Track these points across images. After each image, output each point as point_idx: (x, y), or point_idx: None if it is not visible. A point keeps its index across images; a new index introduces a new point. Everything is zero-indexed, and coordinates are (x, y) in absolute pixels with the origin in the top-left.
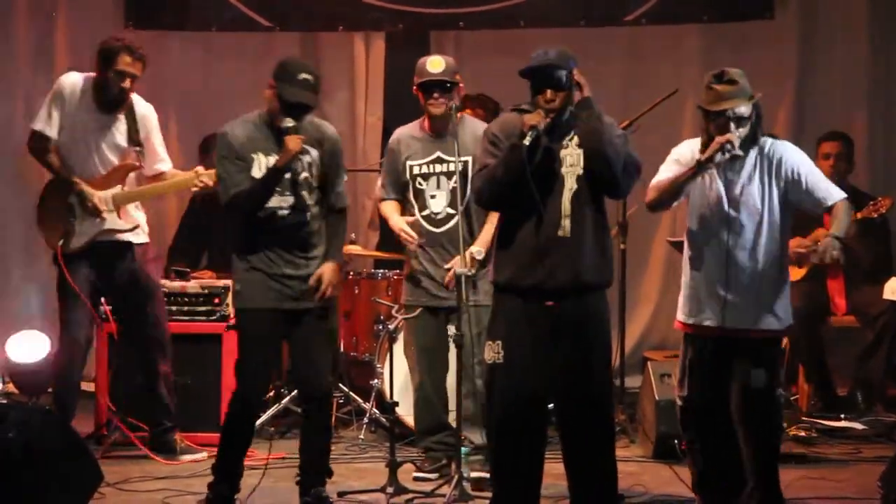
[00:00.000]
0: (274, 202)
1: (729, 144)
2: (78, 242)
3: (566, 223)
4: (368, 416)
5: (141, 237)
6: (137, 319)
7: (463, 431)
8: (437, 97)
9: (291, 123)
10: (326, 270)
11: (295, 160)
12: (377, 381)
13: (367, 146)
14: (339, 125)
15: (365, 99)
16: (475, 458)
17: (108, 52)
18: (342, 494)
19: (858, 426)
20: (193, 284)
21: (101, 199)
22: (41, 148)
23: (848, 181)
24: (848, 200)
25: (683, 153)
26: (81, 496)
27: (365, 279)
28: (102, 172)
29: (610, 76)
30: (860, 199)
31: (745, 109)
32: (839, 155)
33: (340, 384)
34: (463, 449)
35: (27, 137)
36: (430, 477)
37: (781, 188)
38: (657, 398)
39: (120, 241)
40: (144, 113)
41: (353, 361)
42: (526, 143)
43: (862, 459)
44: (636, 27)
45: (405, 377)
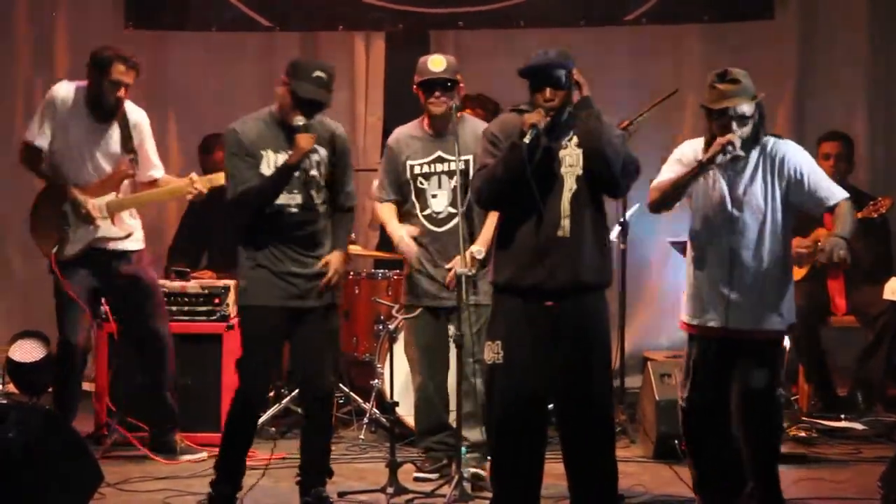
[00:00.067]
0: (282, 200)
1: (730, 146)
2: (72, 250)
3: (566, 223)
4: (369, 416)
5: (136, 244)
6: (138, 322)
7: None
8: (438, 96)
9: (303, 121)
10: (334, 258)
11: (305, 158)
12: (377, 381)
13: (367, 146)
14: None
15: (365, 99)
16: (472, 455)
17: (100, 61)
18: (342, 494)
19: (858, 426)
20: (193, 284)
21: (94, 206)
22: (32, 158)
23: (848, 181)
24: (850, 200)
25: (686, 153)
26: (81, 496)
27: (365, 279)
28: (96, 180)
29: (610, 76)
30: (860, 199)
31: (747, 108)
32: (839, 155)
33: (340, 384)
34: (462, 449)
35: (19, 148)
36: (430, 477)
37: (784, 187)
38: (657, 398)
39: (114, 249)
40: (138, 120)
41: (353, 361)
42: (526, 140)
43: (862, 459)
44: (636, 27)
45: (405, 377)
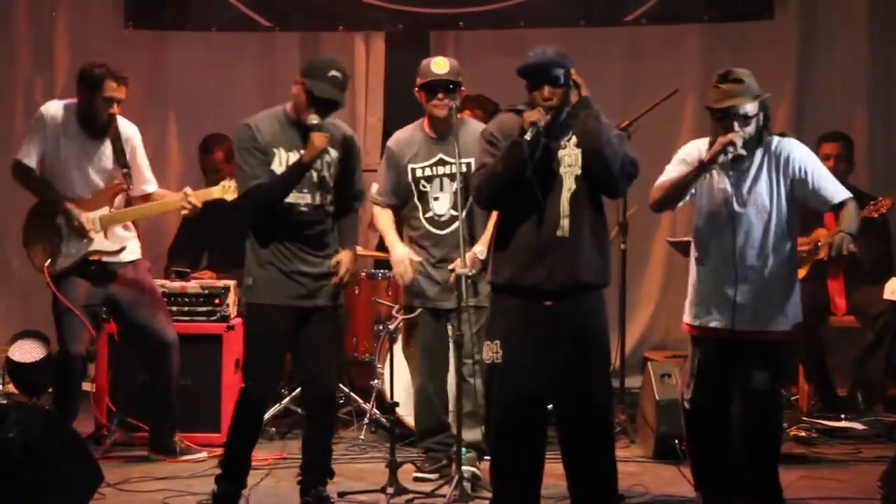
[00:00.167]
0: (292, 198)
1: (731, 146)
2: (65, 263)
3: (565, 223)
4: (369, 416)
5: (132, 255)
6: (142, 330)
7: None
8: (441, 98)
9: (317, 120)
10: (345, 257)
11: (318, 158)
12: (377, 381)
13: (367, 146)
14: None
15: (365, 99)
16: (469, 455)
17: (91, 79)
18: (342, 495)
19: (858, 426)
20: (193, 285)
21: (87, 219)
22: (24, 176)
23: (848, 181)
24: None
25: (690, 153)
26: (81, 496)
27: (365, 279)
28: (90, 196)
29: (610, 76)
30: (860, 198)
31: (750, 108)
32: (839, 156)
33: (340, 384)
34: (462, 449)
35: (10, 165)
36: (430, 477)
37: (788, 186)
38: (657, 398)
39: (110, 261)
40: (130, 135)
41: (353, 361)
42: (527, 138)
43: (862, 459)
44: (636, 27)
45: (406, 377)
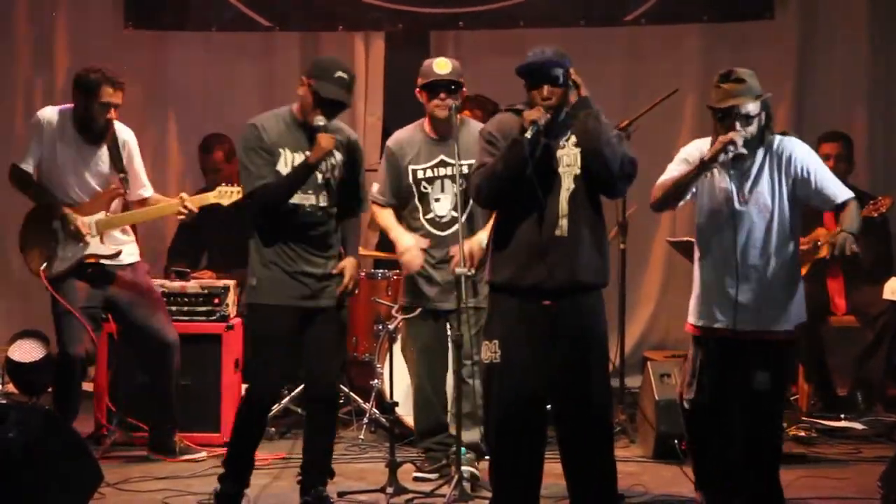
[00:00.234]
0: (296, 199)
1: (732, 145)
2: (60, 266)
3: (563, 223)
4: (368, 416)
5: (130, 258)
6: (142, 331)
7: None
8: (443, 98)
9: (323, 121)
10: (349, 265)
11: (324, 159)
12: (377, 381)
13: (366, 146)
14: None
15: (365, 99)
16: (468, 455)
17: (88, 84)
18: (342, 494)
19: (858, 426)
20: (193, 285)
21: (84, 223)
22: (20, 180)
23: (848, 181)
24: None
25: (692, 153)
26: (81, 496)
27: (365, 279)
28: (86, 201)
29: (610, 76)
30: (860, 199)
31: (752, 108)
32: (839, 156)
33: (340, 384)
34: (462, 449)
35: (7, 170)
36: (429, 477)
37: (790, 185)
38: (657, 398)
39: (108, 265)
40: (126, 139)
41: (353, 361)
42: (528, 136)
43: (862, 459)
44: (636, 27)
45: (405, 377)
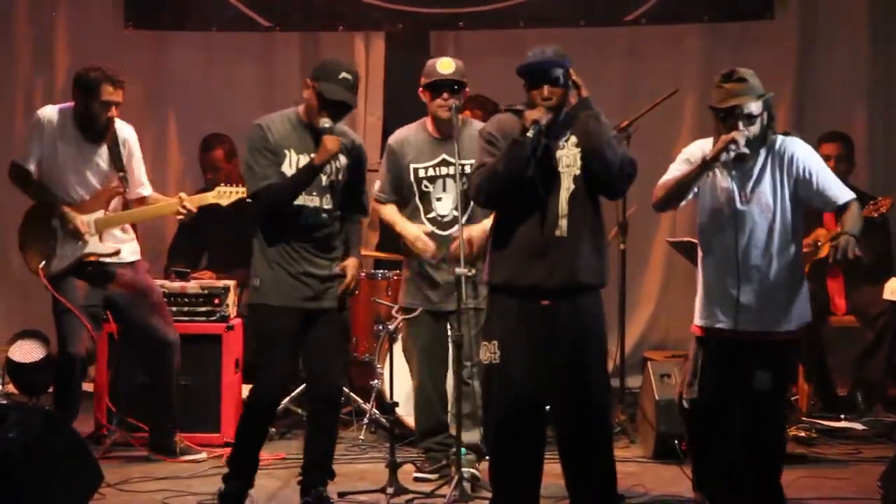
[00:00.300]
0: (301, 200)
1: (733, 144)
2: (59, 265)
3: (563, 223)
4: (368, 416)
5: (130, 256)
6: (142, 330)
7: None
8: (446, 98)
9: (329, 123)
10: (351, 264)
11: (329, 162)
12: (377, 381)
13: (367, 146)
14: None
15: (365, 99)
16: (468, 456)
17: (88, 83)
18: (342, 495)
19: (858, 426)
20: (193, 285)
21: (82, 222)
22: (20, 177)
23: (848, 181)
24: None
25: (694, 153)
26: (81, 496)
27: (365, 279)
28: (86, 199)
29: (610, 76)
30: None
31: (754, 107)
32: (839, 156)
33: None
34: (462, 449)
35: (7, 168)
36: (430, 477)
37: (792, 186)
38: (657, 398)
39: (108, 262)
40: (127, 137)
41: (353, 361)
42: (530, 136)
43: (862, 459)
44: (636, 27)
45: (405, 377)
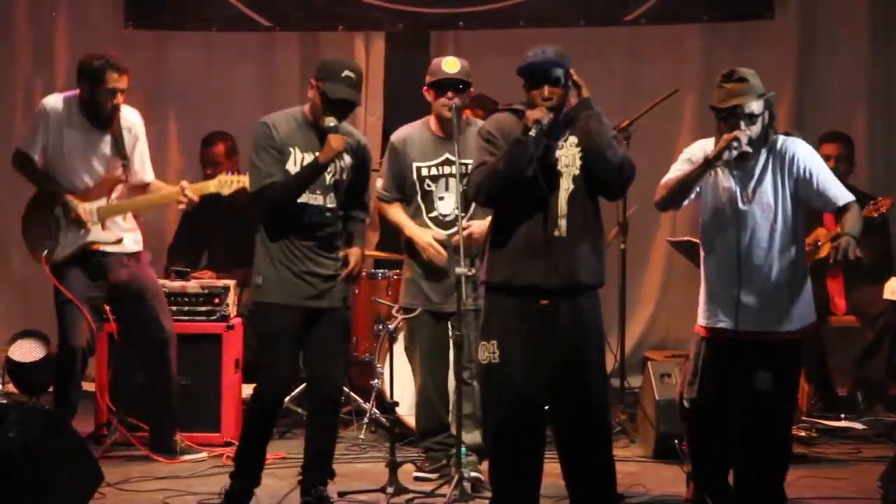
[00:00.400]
0: (304, 199)
1: (735, 142)
2: (62, 253)
3: (562, 223)
4: (369, 416)
5: (133, 247)
6: (140, 324)
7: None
8: (450, 97)
9: (334, 122)
10: (354, 252)
11: (334, 160)
12: (377, 381)
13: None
14: None
15: (365, 99)
16: (469, 458)
17: (92, 71)
18: (342, 494)
19: (858, 426)
20: (193, 284)
21: (85, 210)
22: (25, 165)
23: (848, 181)
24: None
25: (695, 153)
26: (81, 496)
27: (365, 279)
28: (90, 187)
29: (610, 76)
30: (860, 199)
31: (755, 107)
32: (839, 157)
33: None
34: (462, 449)
35: (11, 155)
36: (430, 477)
37: (793, 185)
38: (657, 398)
39: (110, 252)
40: (132, 123)
41: (353, 361)
42: (531, 135)
43: (862, 459)
44: (636, 27)
45: (406, 377)
